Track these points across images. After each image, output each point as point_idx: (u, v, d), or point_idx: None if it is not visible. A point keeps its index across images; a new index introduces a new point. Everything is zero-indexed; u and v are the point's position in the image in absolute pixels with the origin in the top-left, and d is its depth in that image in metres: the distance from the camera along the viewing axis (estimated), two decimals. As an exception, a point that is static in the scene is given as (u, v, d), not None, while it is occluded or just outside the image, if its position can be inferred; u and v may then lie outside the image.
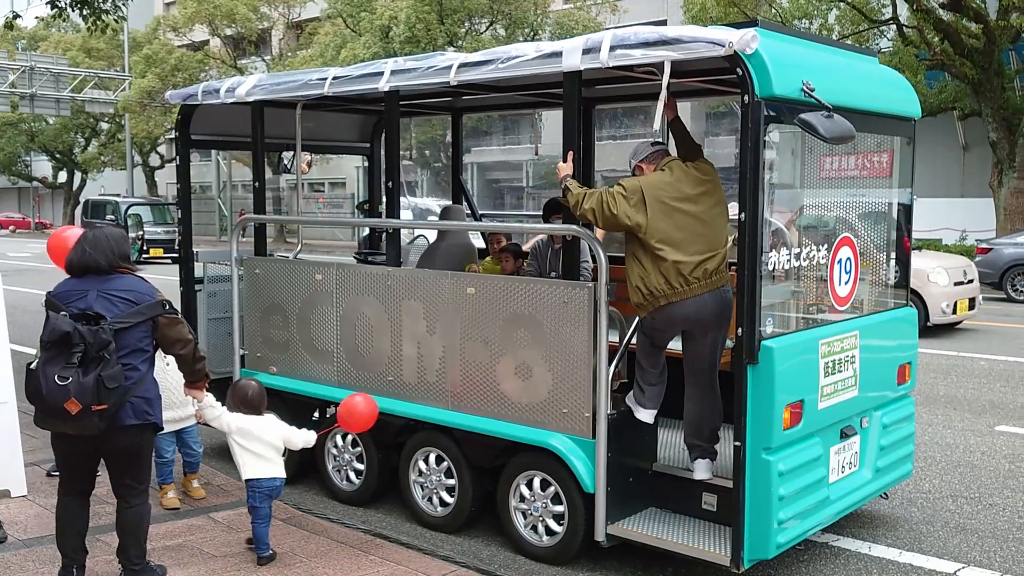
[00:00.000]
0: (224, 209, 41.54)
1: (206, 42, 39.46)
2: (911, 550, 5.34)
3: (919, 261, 12.45)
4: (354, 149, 8.63)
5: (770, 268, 4.56)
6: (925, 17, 20.52)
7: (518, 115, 35.34)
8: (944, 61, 21.14)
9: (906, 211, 5.73)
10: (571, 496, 4.94)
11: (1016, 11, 20.19)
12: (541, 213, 6.97)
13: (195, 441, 6.05)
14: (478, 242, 7.86)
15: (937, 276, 13.00)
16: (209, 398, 4.96)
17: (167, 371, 5.58)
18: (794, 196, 5.15)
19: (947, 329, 13.53)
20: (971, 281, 13.62)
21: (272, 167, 9.29)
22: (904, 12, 21.66)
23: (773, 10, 23.78)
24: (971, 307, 13.44)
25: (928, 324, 12.73)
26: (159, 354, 5.56)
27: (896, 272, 5.69)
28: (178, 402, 5.72)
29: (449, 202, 8.51)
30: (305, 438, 5.26)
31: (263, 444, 5.06)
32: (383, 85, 5.62)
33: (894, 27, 22.13)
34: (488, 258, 7.13)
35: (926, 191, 24.79)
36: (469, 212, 8.16)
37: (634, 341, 5.11)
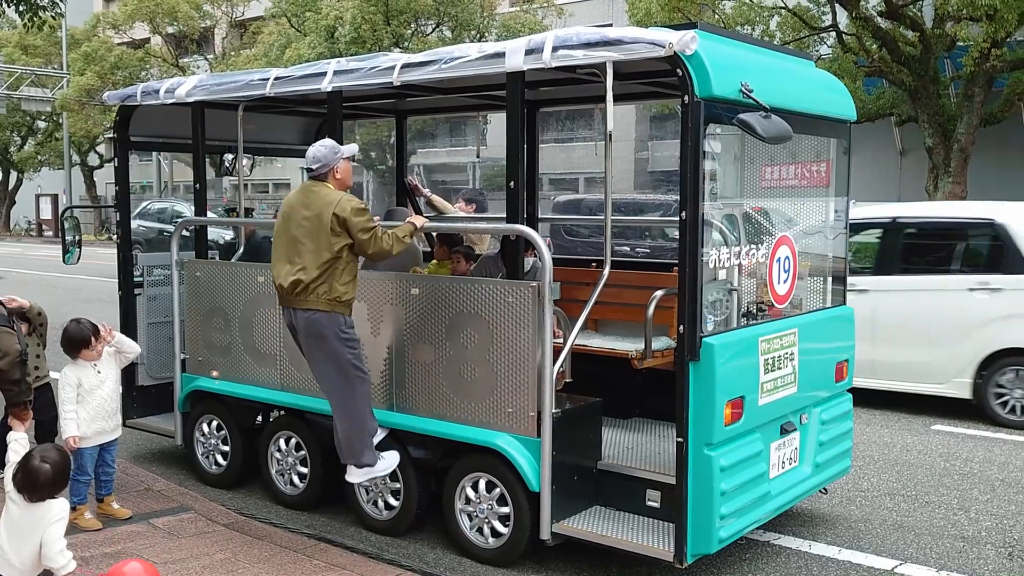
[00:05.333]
0: (165, 211, 40.81)
1: (147, 40, 38.76)
2: (850, 548, 5.44)
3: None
4: (298, 151, 8.54)
5: (710, 267, 4.62)
6: (864, 25, 20.92)
7: (463, 117, 35.34)
8: (882, 68, 21.59)
9: (843, 211, 5.84)
10: (516, 496, 4.95)
11: (951, 20, 20.71)
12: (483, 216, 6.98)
13: (114, 459, 5.71)
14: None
15: None
16: (21, 439, 4.36)
17: (100, 378, 5.48)
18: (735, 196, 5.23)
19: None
20: None
21: (215, 169, 9.15)
22: (843, 20, 22.07)
23: (716, 16, 24.09)
24: None
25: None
26: (90, 364, 5.48)
27: (834, 271, 5.81)
28: (109, 411, 5.54)
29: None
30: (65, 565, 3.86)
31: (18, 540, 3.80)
32: (326, 86, 5.58)
33: (834, 34, 22.54)
34: (433, 262, 7.12)
35: (864, 195, 25.25)
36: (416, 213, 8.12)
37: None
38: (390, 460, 5.19)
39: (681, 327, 4.45)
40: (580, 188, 35.05)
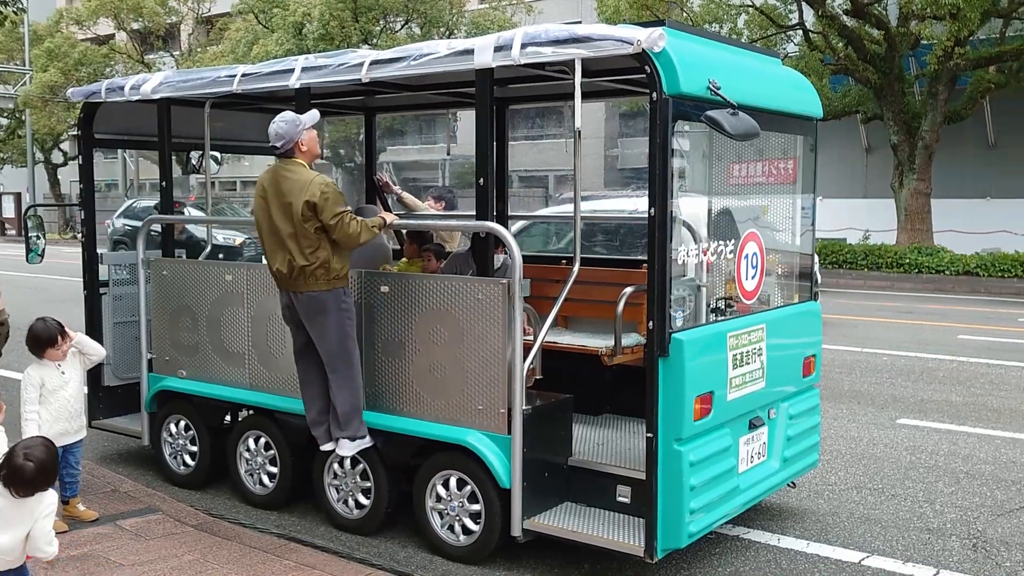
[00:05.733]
0: (132, 209, 40.38)
1: (111, 36, 38.30)
2: (818, 541, 5.49)
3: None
4: (266, 149, 8.45)
5: (679, 263, 4.65)
6: (830, 23, 21.14)
7: (433, 115, 35.28)
8: (848, 66, 21.82)
9: (810, 208, 5.89)
10: (487, 493, 4.95)
11: (916, 19, 20.96)
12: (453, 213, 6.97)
13: (78, 460, 5.61)
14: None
15: None
16: None
17: (64, 379, 5.41)
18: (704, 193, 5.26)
19: (851, 325, 13.99)
20: None
21: (181, 166, 9.06)
22: (810, 18, 22.28)
23: (684, 13, 24.21)
24: None
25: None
26: (54, 364, 5.41)
27: (801, 267, 5.86)
28: (72, 413, 5.45)
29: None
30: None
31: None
32: (294, 82, 5.55)
33: (801, 32, 22.74)
34: (403, 260, 7.10)
35: (831, 192, 25.58)
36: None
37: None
38: (373, 437, 5.31)
39: (650, 323, 4.47)
40: (550, 186, 35.11)
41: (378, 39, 27.22)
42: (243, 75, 5.81)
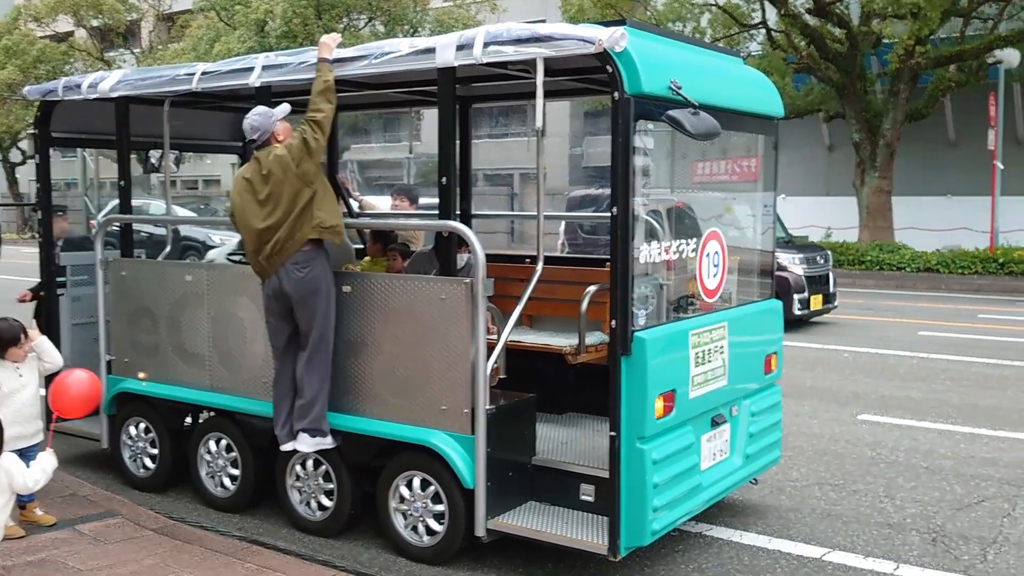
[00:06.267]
0: (91, 207, 39.80)
1: (71, 33, 37.71)
2: (780, 537, 5.53)
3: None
4: (226, 148, 8.40)
5: (641, 262, 4.65)
6: (792, 22, 21.34)
7: (397, 113, 35.16)
8: (810, 65, 22.03)
9: (772, 207, 5.94)
10: (451, 494, 4.93)
11: (877, 18, 21.21)
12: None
13: None
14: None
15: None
16: None
17: (21, 382, 5.32)
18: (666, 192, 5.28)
19: (813, 322, 14.13)
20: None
21: (142, 165, 8.95)
22: (773, 17, 22.46)
23: (648, 13, 24.31)
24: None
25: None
26: (13, 366, 5.32)
27: (762, 265, 5.90)
28: (29, 416, 5.35)
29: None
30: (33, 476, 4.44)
31: None
32: (254, 81, 5.50)
33: (764, 31, 22.92)
34: (367, 259, 7.05)
35: (794, 190, 25.83)
36: (346, 212, 8.04)
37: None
38: (335, 438, 5.27)
39: (613, 322, 4.48)
40: (515, 184, 35.10)
41: (341, 37, 27.06)
42: (203, 73, 5.74)
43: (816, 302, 13.67)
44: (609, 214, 4.47)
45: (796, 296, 13.30)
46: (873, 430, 7.94)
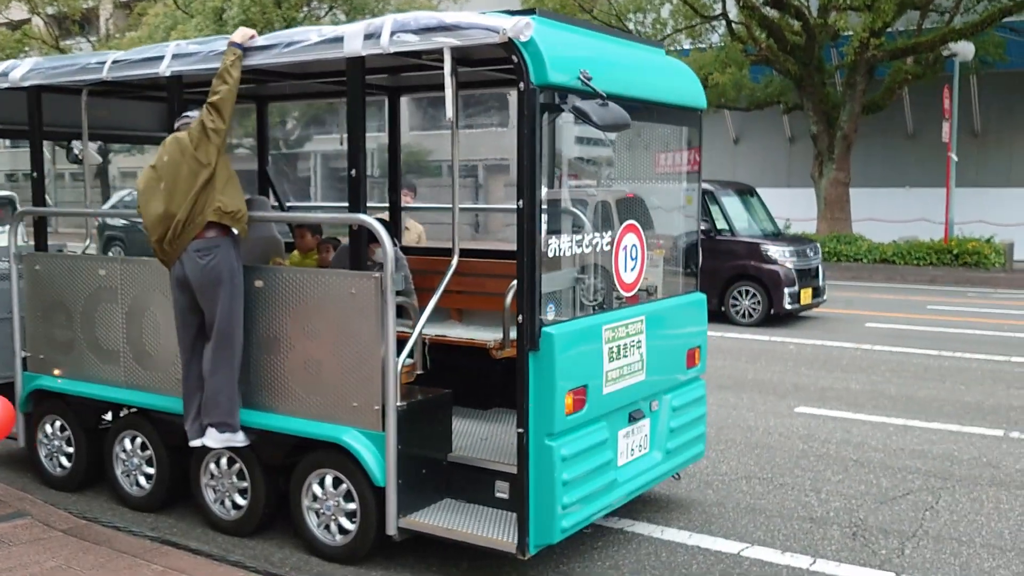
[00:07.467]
0: (49, 200, 39.21)
1: (26, 21, 37.04)
2: (700, 532, 5.49)
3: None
4: (152, 139, 8.20)
5: (551, 255, 4.58)
6: (751, 14, 21.34)
7: (343, 103, 34.79)
8: (769, 57, 22.06)
9: (695, 199, 5.88)
10: (363, 492, 4.84)
11: (834, 10, 21.27)
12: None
13: None
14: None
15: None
16: None
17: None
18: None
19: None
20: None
21: (67, 155, 8.76)
22: (733, 9, 22.47)
23: (610, 4, 24.26)
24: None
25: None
26: None
27: (685, 258, 5.84)
28: None
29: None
30: None
31: None
32: (163, 70, 5.35)
33: (724, 22, 22.92)
34: (295, 252, 6.93)
35: (754, 181, 25.78)
36: (275, 205, 7.90)
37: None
38: (247, 435, 5.15)
39: (520, 316, 4.40)
40: (480, 175, 34.89)
41: (302, 26, 26.78)
42: (113, 62, 5.59)
43: (806, 296, 13.55)
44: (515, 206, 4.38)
45: (787, 290, 13.16)
46: (808, 422, 7.93)
